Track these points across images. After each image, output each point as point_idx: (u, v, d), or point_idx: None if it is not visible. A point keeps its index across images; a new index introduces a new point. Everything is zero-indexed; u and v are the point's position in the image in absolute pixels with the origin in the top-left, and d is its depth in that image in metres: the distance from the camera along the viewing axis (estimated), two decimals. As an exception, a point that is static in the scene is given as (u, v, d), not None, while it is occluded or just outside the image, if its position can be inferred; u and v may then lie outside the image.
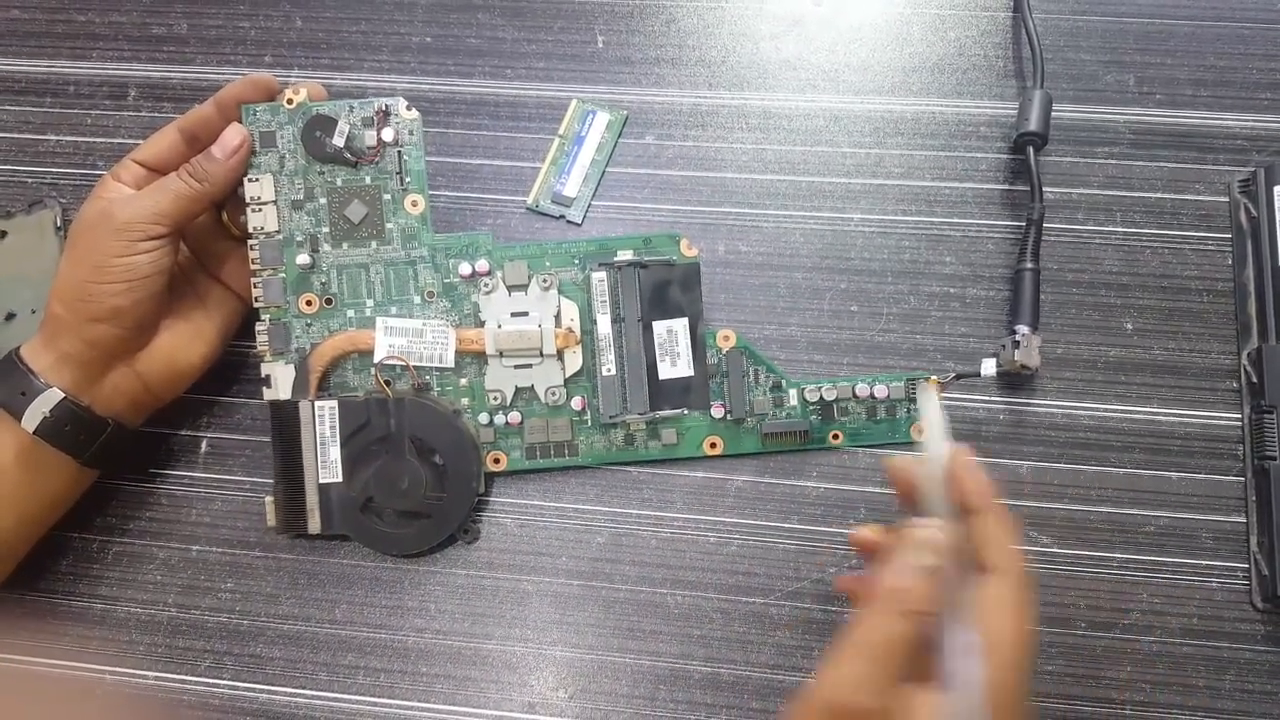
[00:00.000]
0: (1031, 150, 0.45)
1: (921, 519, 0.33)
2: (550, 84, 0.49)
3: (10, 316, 0.47)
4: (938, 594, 0.31)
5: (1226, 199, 0.46)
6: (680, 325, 0.43)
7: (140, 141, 0.49)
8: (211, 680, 0.43)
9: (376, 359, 0.43)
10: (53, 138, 0.49)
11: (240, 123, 0.42)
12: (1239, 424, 0.44)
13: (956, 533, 0.32)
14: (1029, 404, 0.45)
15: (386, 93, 0.49)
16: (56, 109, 0.50)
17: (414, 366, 0.43)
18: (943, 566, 0.31)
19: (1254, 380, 0.44)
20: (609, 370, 0.43)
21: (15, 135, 0.50)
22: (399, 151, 0.43)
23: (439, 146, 0.48)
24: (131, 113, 0.50)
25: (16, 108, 0.50)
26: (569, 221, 0.47)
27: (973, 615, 0.31)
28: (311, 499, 0.42)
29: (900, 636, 0.30)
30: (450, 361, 0.43)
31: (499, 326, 0.43)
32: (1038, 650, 0.42)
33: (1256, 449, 0.43)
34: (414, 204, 0.44)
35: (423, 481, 0.42)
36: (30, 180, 0.49)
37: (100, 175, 0.48)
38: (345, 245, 0.44)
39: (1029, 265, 0.44)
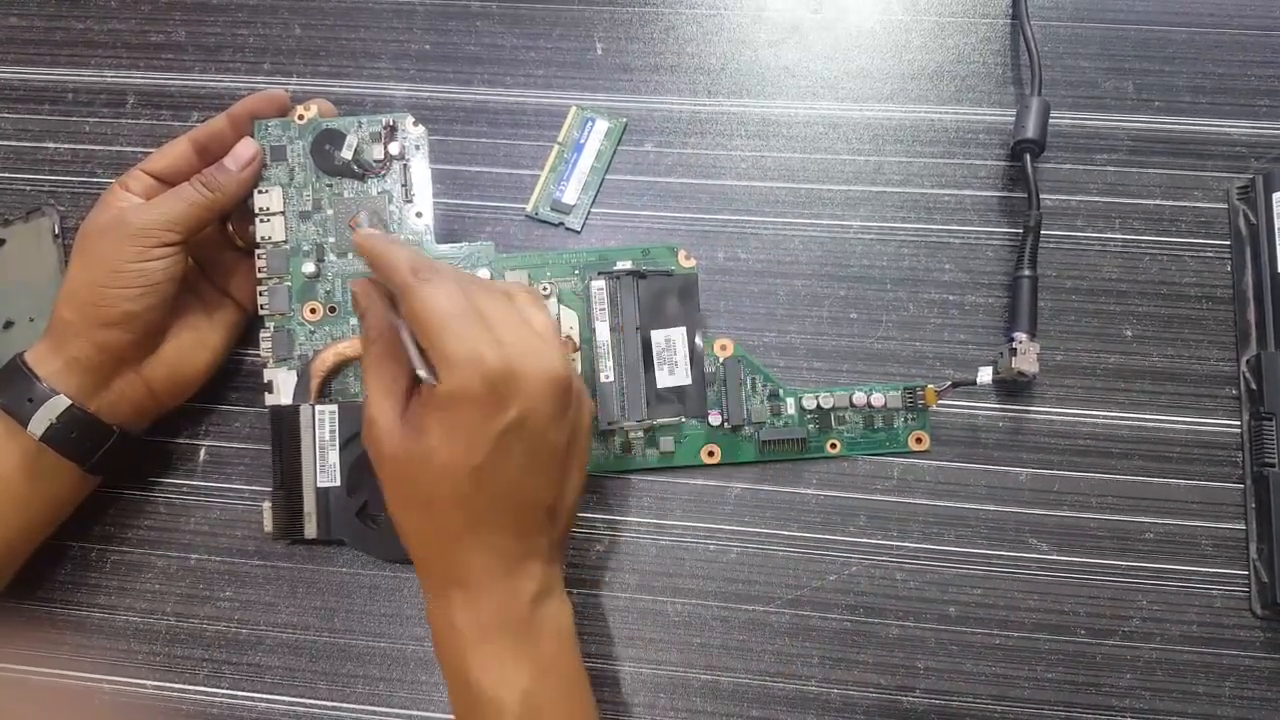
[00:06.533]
0: (1028, 157, 0.45)
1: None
2: (549, 91, 0.49)
3: (9, 324, 0.46)
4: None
5: (1225, 205, 0.46)
6: (678, 334, 0.43)
7: (138, 148, 0.49)
8: (210, 689, 0.43)
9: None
10: (51, 145, 0.49)
11: (252, 137, 0.43)
12: (1238, 431, 0.44)
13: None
14: (1028, 411, 0.45)
15: (385, 100, 0.49)
16: (55, 116, 0.50)
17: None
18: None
19: (1253, 387, 0.44)
20: (607, 377, 0.43)
21: (13, 143, 0.50)
22: (405, 165, 0.44)
23: (438, 154, 0.48)
24: (130, 120, 0.50)
25: (15, 115, 0.50)
26: (568, 229, 0.47)
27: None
28: (309, 504, 0.42)
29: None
30: (449, 369, 0.43)
31: (498, 334, 0.43)
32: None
33: (1256, 456, 0.43)
34: (419, 215, 0.44)
35: (421, 489, 0.42)
36: (28, 188, 0.49)
37: (99, 183, 0.49)
38: (350, 255, 0.44)
39: (1027, 272, 0.44)
